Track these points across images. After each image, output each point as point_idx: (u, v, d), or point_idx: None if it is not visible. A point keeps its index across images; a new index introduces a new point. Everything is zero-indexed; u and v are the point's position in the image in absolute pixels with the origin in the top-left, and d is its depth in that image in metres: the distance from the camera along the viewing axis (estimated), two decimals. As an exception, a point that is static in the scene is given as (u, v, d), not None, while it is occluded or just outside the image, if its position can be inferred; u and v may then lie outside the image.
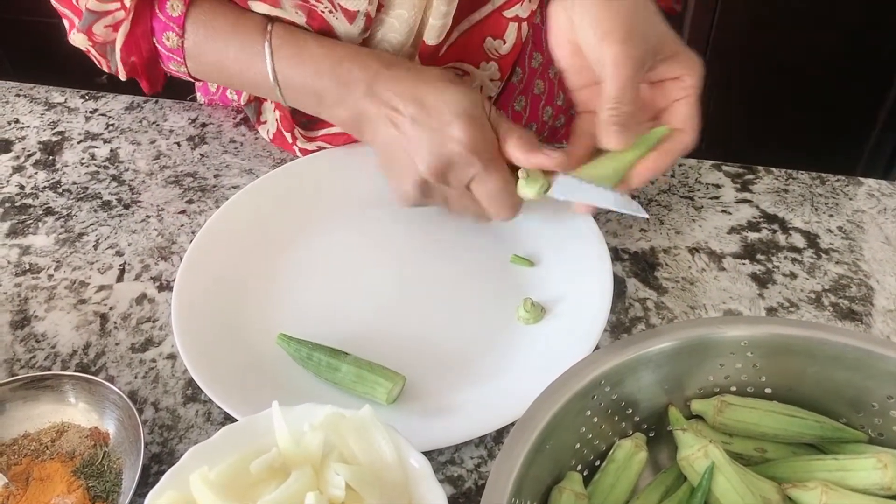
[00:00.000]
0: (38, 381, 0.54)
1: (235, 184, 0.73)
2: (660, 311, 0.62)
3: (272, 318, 0.61)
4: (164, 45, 0.65)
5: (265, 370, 0.57)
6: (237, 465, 0.41)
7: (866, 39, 1.49)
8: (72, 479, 0.51)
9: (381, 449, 0.42)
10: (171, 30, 0.64)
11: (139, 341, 0.61)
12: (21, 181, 0.75)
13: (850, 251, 0.66)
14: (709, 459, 0.45)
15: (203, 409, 0.56)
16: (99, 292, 0.65)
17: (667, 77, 0.57)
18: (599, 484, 0.47)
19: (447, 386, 0.56)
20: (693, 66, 0.56)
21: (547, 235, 0.66)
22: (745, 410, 0.48)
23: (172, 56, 0.66)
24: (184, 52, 0.65)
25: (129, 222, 0.70)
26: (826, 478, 0.45)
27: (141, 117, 0.81)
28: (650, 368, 0.47)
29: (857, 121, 1.61)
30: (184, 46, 0.65)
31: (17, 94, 0.85)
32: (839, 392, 0.48)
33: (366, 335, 0.60)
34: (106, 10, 0.63)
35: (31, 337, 0.61)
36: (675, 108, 0.57)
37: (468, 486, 0.52)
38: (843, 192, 0.71)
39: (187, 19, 0.63)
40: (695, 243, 0.67)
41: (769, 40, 1.46)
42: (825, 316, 0.61)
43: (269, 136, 0.76)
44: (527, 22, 0.70)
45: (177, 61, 0.66)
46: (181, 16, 0.63)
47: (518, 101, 0.79)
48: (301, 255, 0.66)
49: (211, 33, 0.64)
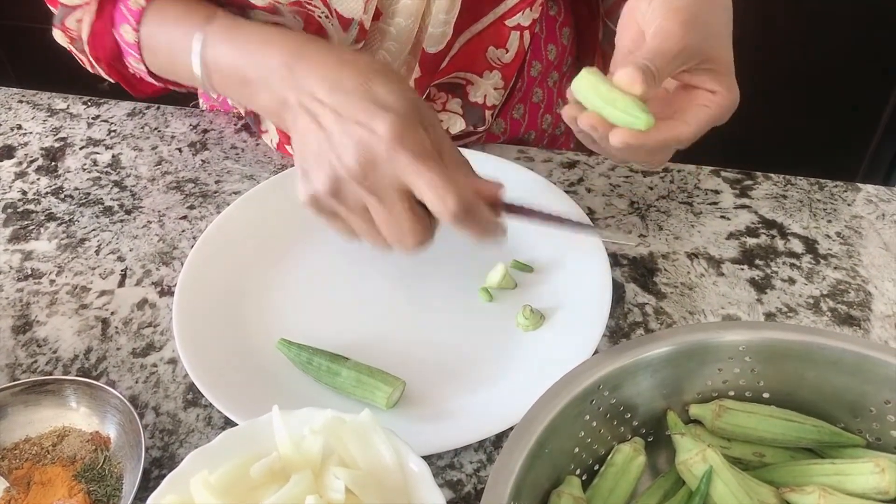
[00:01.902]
0: (40, 385, 0.55)
1: (236, 190, 0.74)
2: (658, 317, 0.62)
3: (272, 323, 0.61)
4: (122, 38, 0.64)
5: (266, 375, 0.57)
6: (238, 469, 0.42)
7: (867, 45, 1.49)
8: (73, 484, 0.51)
9: (381, 453, 0.42)
10: (128, 22, 0.62)
11: (140, 346, 0.61)
12: (23, 187, 0.75)
13: (849, 257, 0.66)
14: (707, 464, 0.45)
15: (204, 414, 0.56)
16: (100, 297, 0.65)
17: (701, 86, 0.54)
18: (598, 488, 0.47)
19: (446, 391, 0.57)
20: (730, 91, 0.54)
21: (546, 241, 0.66)
22: (743, 415, 0.48)
23: (130, 51, 0.64)
24: (139, 45, 0.63)
25: (130, 228, 0.71)
26: (824, 482, 0.45)
27: (143, 123, 0.82)
28: (649, 373, 0.47)
29: (857, 127, 1.61)
30: (140, 39, 0.63)
31: (20, 101, 0.85)
32: (837, 397, 0.48)
33: (365, 340, 0.60)
34: (75, 4, 0.63)
35: (33, 342, 0.62)
36: (691, 109, 0.54)
37: (467, 490, 0.52)
38: (842, 197, 0.72)
39: (145, 12, 0.62)
40: (693, 249, 0.67)
41: (769, 46, 1.46)
42: (823, 321, 0.61)
43: (274, 145, 0.77)
44: (528, 30, 0.70)
45: (135, 57, 0.65)
46: (140, 9, 0.62)
47: (517, 110, 0.79)
48: (302, 261, 0.66)
49: (161, 22, 0.62)
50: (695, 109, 0.53)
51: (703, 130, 0.54)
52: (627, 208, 0.71)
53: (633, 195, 0.72)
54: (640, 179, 0.73)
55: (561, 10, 0.79)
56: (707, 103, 0.54)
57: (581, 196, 0.72)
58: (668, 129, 0.52)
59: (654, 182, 0.73)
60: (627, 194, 0.72)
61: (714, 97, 0.53)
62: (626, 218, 0.70)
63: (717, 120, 0.54)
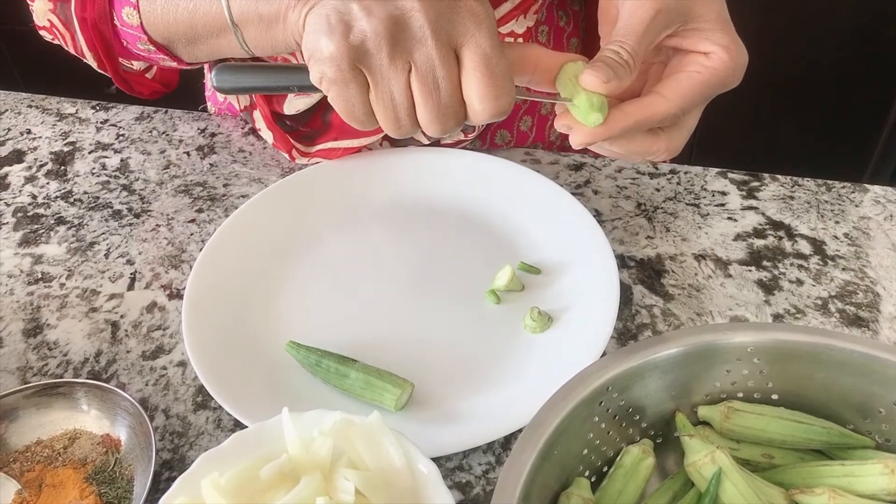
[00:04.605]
0: (51, 388, 0.55)
1: (244, 193, 0.74)
2: (666, 318, 0.62)
3: (281, 325, 0.62)
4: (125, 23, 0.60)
5: (274, 377, 0.58)
6: (248, 470, 0.42)
7: (874, 46, 1.49)
8: (84, 486, 0.51)
9: (390, 455, 0.42)
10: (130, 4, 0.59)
11: (150, 349, 0.61)
12: (33, 191, 0.76)
13: (857, 258, 0.66)
14: (716, 465, 0.45)
15: (213, 416, 0.57)
16: (110, 300, 0.65)
17: (692, 49, 0.49)
18: (607, 490, 0.47)
19: (455, 393, 0.57)
20: (727, 50, 0.48)
21: (554, 243, 0.66)
22: (752, 416, 0.48)
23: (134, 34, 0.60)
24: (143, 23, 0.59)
25: (139, 231, 0.71)
26: (833, 483, 0.45)
27: (151, 127, 0.82)
28: (657, 374, 0.47)
29: (864, 128, 1.61)
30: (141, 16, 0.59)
31: (30, 106, 0.86)
32: (846, 398, 0.48)
33: (374, 342, 0.60)
34: None
35: (44, 345, 0.62)
36: (670, 80, 0.48)
37: (476, 492, 0.52)
38: (849, 198, 0.72)
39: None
40: (701, 250, 0.67)
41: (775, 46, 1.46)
42: (832, 322, 0.61)
43: (271, 142, 0.76)
44: (522, 38, 0.69)
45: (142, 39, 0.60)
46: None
47: (524, 122, 0.79)
48: (310, 263, 0.67)
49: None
50: (674, 80, 0.48)
51: (695, 100, 0.49)
52: (634, 210, 0.71)
53: (640, 197, 0.72)
54: (646, 181, 0.73)
55: (570, 20, 0.78)
56: (697, 69, 0.48)
57: (588, 198, 0.72)
58: (640, 110, 0.48)
59: (660, 184, 0.73)
60: (634, 196, 0.72)
61: (707, 59, 0.48)
62: (633, 220, 0.70)
63: (716, 85, 0.49)
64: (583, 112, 0.47)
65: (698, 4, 0.48)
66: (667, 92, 0.48)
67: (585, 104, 0.47)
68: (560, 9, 0.76)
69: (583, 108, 0.47)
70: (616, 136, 0.48)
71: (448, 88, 0.46)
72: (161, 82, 0.73)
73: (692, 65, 0.49)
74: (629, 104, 0.48)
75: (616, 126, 0.47)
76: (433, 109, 0.46)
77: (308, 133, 0.74)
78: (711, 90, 0.49)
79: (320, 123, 0.73)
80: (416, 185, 0.72)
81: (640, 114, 0.48)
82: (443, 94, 0.46)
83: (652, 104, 0.48)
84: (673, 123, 0.50)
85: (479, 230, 0.69)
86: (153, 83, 0.72)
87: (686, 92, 0.48)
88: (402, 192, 0.72)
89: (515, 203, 0.70)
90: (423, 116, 0.47)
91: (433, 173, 0.72)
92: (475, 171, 0.72)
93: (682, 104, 0.48)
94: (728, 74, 0.48)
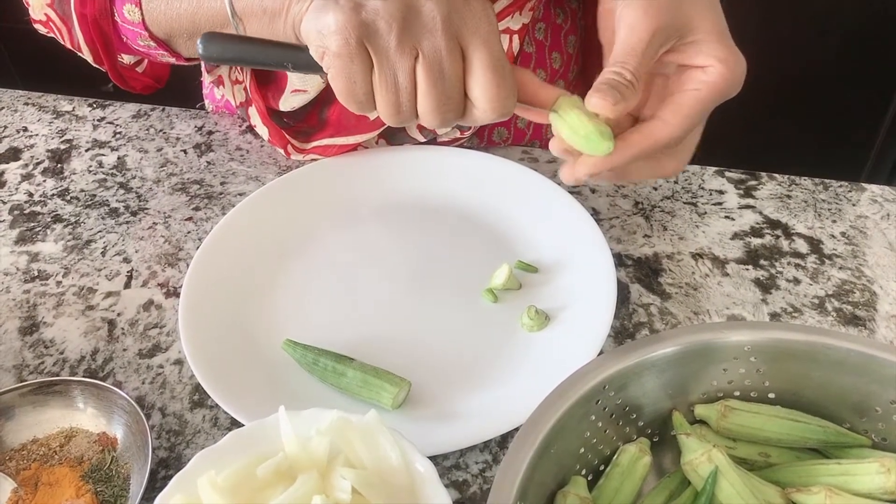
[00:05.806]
0: (47, 386, 0.55)
1: (241, 191, 0.74)
2: (663, 317, 0.62)
3: (278, 323, 0.62)
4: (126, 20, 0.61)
5: (271, 375, 0.58)
6: (244, 469, 0.42)
7: (871, 45, 1.49)
8: (80, 484, 0.51)
9: (387, 453, 0.42)
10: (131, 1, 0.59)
11: (146, 347, 0.61)
12: (30, 189, 0.76)
13: (854, 257, 0.66)
14: (712, 464, 0.45)
15: (210, 415, 0.57)
16: (107, 299, 0.65)
17: (691, 63, 0.49)
18: (604, 488, 0.47)
19: (452, 391, 0.57)
20: (724, 61, 0.48)
21: (551, 242, 0.66)
22: (748, 415, 0.48)
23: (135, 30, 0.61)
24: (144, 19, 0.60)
25: (136, 229, 0.71)
26: (830, 482, 0.45)
27: (148, 125, 0.82)
28: (654, 373, 0.47)
29: (861, 127, 1.61)
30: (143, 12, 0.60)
31: (26, 103, 0.85)
32: (843, 397, 0.48)
33: (371, 341, 0.60)
34: None
35: (40, 343, 0.62)
36: (670, 103, 0.48)
37: (473, 490, 0.52)
38: (846, 197, 0.72)
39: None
40: (698, 249, 0.67)
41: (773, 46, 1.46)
42: (828, 321, 0.61)
43: (267, 138, 0.76)
44: (518, 35, 0.69)
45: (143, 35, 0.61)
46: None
47: (521, 119, 0.79)
48: (307, 262, 0.66)
49: None
50: (674, 102, 0.48)
51: (696, 118, 0.49)
52: (632, 209, 0.71)
53: (637, 195, 0.72)
54: (644, 180, 0.73)
55: (567, 17, 0.78)
56: (696, 86, 0.48)
57: (585, 196, 0.72)
58: (644, 137, 0.48)
59: (658, 183, 0.73)
60: (632, 195, 0.72)
61: (705, 74, 0.48)
62: (630, 218, 0.70)
63: (715, 99, 0.49)
64: (592, 142, 0.47)
65: (694, 18, 0.48)
66: (668, 116, 0.48)
67: (595, 134, 0.46)
68: (557, 6, 0.76)
69: (593, 137, 0.46)
70: (621, 165, 0.48)
71: (452, 80, 0.46)
72: (152, 77, 0.73)
73: (690, 82, 0.49)
74: (631, 133, 0.48)
75: (622, 156, 0.47)
76: (436, 98, 0.46)
77: (304, 129, 0.74)
78: (711, 105, 0.49)
79: (316, 120, 0.73)
80: (413, 184, 0.72)
81: (644, 141, 0.48)
82: (447, 84, 0.46)
83: (654, 131, 0.48)
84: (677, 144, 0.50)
85: (476, 228, 0.69)
86: (144, 77, 0.72)
87: (687, 112, 0.48)
88: (400, 191, 0.72)
89: (513, 201, 0.70)
90: (425, 105, 0.47)
91: (430, 171, 0.72)
92: (473, 170, 0.72)
93: (685, 125, 0.48)
94: (726, 86, 0.48)
